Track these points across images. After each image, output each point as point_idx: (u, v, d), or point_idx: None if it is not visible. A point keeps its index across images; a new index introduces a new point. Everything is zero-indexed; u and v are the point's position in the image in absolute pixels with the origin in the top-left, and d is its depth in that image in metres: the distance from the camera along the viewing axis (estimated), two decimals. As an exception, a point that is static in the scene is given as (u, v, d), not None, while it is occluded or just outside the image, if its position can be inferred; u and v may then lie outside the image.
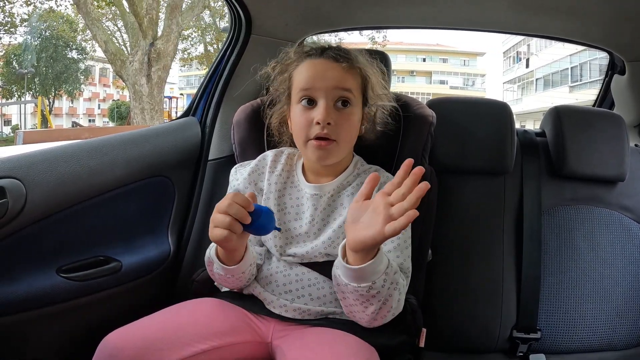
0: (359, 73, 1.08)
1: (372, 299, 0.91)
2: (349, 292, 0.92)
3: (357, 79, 1.08)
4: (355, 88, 1.07)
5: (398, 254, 1.03)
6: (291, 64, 1.11)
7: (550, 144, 1.51)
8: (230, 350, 1.01)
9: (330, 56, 1.06)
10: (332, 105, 1.04)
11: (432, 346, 1.25)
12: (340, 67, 1.05)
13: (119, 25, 14.01)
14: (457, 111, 1.48)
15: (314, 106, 1.05)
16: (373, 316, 0.95)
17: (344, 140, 1.06)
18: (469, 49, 33.84)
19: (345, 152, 1.10)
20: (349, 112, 1.06)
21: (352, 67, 1.07)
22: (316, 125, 1.03)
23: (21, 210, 1.05)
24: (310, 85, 1.05)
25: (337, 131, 1.04)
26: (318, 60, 1.07)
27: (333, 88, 1.04)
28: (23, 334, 1.11)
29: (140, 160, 1.30)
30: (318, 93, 1.04)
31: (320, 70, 1.06)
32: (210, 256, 1.04)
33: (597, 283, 1.44)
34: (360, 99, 1.09)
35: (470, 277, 1.44)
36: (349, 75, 1.06)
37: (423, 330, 1.13)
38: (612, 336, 1.43)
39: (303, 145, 1.07)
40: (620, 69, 1.79)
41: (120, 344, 0.93)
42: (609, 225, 1.48)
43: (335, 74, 1.05)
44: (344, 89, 1.05)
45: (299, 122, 1.07)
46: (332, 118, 1.03)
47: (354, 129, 1.08)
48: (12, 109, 22.06)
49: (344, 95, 1.05)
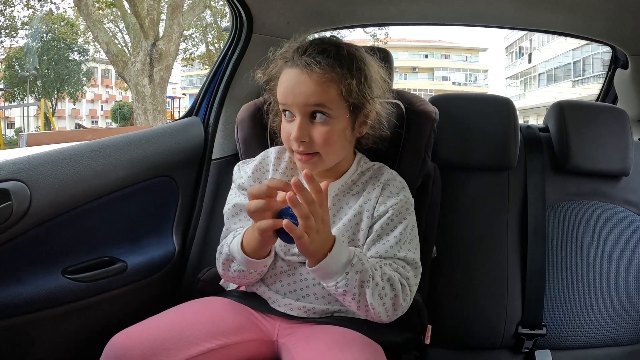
0: (338, 79, 0.98)
1: (345, 295, 0.94)
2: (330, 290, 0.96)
3: (330, 91, 0.98)
4: (331, 99, 0.98)
5: (400, 247, 1.02)
6: (275, 71, 1.06)
7: (554, 139, 1.51)
8: (237, 348, 1.01)
9: (304, 64, 0.98)
10: (307, 120, 0.99)
11: (438, 343, 1.25)
12: (309, 81, 0.97)
13: (120, 27, 14.03)
14: (460, 107, 1.48)
15: (293, 118, 1.01)
16: (358, 308, 0.96)
17: (327, 153, 1.01)
18: (471, 44, 33.75)
19: (334, 161, 1.06)
20: (326, 125, 0.99)
21: (327, 77, 0.97)
22: (293, 140, 1.01)
23: (26, 213, 1.05)
24: (284, 100, 1.01)
25: (315, 147, 1.00)
26: (292, 70, 1.00)
27: (304, 105, 0.98)
28: (29, 336, 1.11)
29: (143, 160, 1.30)
30: (292, 108, 1.00)
31: (291, 84, 0.99)
32: (231, 252, 1.02)
33: (602, 278, 1.44)
34: (342, 108, 1.00)
35: (475, 274, 1.44)
36: (321, 88, 0.97)
37: (429, 327, 1.14)
38: (618, 331, 1.43)
39: (292, 155, 1.06)
40: (623, 63, 1.78)
41: (127, 345, 0.93)
42: (613, 220, 1.48)
43: (305, 88, 0.97)
44: (316, 104, 0.98)
45: (283, 133, 1.04)
46: (306, 135, 0.99)
47: (336, 139, 1.01)
48: (15, 111, 22.13)
49: (318, 109, 0.99)
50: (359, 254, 0.94)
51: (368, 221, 1.05)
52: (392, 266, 1.00)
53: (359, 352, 0.93)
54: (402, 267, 1.00)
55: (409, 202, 1.08)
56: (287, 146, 1.06)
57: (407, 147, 1.20)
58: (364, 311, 0.96)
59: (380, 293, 0.94)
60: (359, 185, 1.09)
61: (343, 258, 0.91)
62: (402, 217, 1.05)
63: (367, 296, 0.93)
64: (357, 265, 0.92)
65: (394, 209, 1.04)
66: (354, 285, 0.92)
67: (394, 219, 1.04)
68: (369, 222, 1.05)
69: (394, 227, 1.03)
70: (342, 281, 0.91)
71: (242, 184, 1.14)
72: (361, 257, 0.94)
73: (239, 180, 1.15)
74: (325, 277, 0.92)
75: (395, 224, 1.04)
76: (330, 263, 0.89)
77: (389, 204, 1.05)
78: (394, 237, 1.02)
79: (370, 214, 1.05)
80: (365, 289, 0.93)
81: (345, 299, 0.95)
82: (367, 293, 0.93)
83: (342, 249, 0.91)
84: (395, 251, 1.01)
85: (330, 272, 0.91)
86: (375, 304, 0.94)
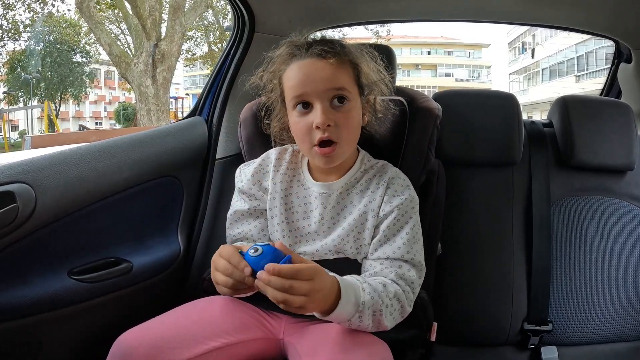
0: (350, 65, 1.03)
1: (358, 328, 0.93)
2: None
3: (348, 72, 1.02)
4: (348, 82, 1.01)
5: (408, 249, 1.02)
6: (278, 69, 1.05)
7: (558, 134, 1.51)
8: (242, 347, 1.01)
9: (316, 53, 1.00)
10: (328, 105, 0.99)
11: (443, 340, 1.24)
12: (328, 65, 0.99)
13: (122, 28, 14.05)
14: (463, 103, 1.48)
15: (310, 110, 1.00)
16: (374, 330, 0.96)
17: (347, 140, 1.02)
18: (473, 40, 33.68)
19: (350, 150, 1.07)
20: (347, 109, 1.01)
21: (342, 60, 1.01)
22: (316, 129, 0.99)
23: (31, 214, 1.06)
24: (302, 90, 0.99)
25: (339, 132, 1.00)
26: (304, 61, 1.01)
27: (325, 90, 0.99)
28: (36, 337, 1.12)
29: (147, 161, 1.30)
30: (311, 97, 0.99)
31: (309, 72, 1.00)
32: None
33: (607, 274, 1.43)
34: (356, 91, 1.04)
35: (480, 270, 1.44)
36: (340, 71, 1.00)
37: (434, 324, 1.13)
38: (624, 327, 1.43)
39: (308, 152, 1.05)
40: (627, 57, 1.78)
41: (133, 344, 0.93)
42: (618, 215, 1.47)
43: (325, 73, 0.99)
44: (337, 88, 0.99)
45: (298, 129, 1.02)
46: (331, 119, 0.98)
47: (356, 125, 1.04)
48: (19, 114, 22.21)
49: (338, 93, 0.99)
50: (362, 284, 0.92)
51: (373, 220, 1.05)
52: (398, 272, 0.99)
53: (365, 351, 0.93)
54: (408, 271, 1.00)
55: (414, 200, 1.07)
56: (304, 142, 1.03)
57: (410, 144, 1.20)
58: (374, 330, 0.96)
59: (390, 311, 0.94)
60: (363, 184, 1.09)
61: (351, 298, 0.89)
62: (408, 216, 1.05)
63: (382, 320, 0.93)
64: (368, 300, 0.91)
65: (399, 208, 1.04)
66: (367, 319, 0.91)
67: (400, 219, 1.04)
68: (374, 222, 1.05)
69: (400, 227, 1.03)
70: (356, 320, 0.91)
71: (242, 187, 1.14)
72: (364, 287, 0.92)
73: (239, 183, 1.15)
74: (337, 320, 0.91)
75: (402, 223, 1.04)
76: (342, 311, 0.88)
77: (395, 203, 1.04)
78: (400, 238, 1.02)
79: (375, 214, 1.05)
80: (378, 317, 0.92)
81: (359, 327, 0.94)
82: (382, 319, 0.93)
83: (347, 291, 0.89)
84: (403, 252, 1.01)
85: (342, 315, 0.89)
86: (386, 322, 0.94)
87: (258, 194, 1.13)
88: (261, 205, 1.12)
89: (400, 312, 0.97)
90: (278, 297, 0.80)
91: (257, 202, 1.12)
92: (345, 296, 0.88)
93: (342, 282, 0.88)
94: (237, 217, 1.13)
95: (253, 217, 1.12)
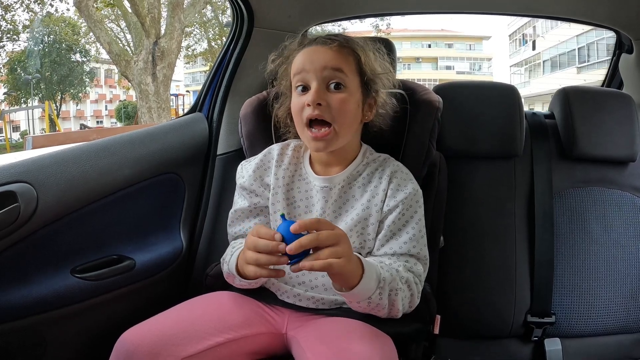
0: (352, 53, 1.05)
1: (376, 308, 0.94)
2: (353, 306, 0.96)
3: (349, 59, 1.04)
4: (347, 68, 1.03)
5: (414, 243, 1.03)
6: (289, 56, 1.10)
7: (560, 126, 1.50)
8: (246, 342, 1.02)
9: (321, 41, 1.05)
10: (323, 87, 1.02)
11: (447, 333, 1.25)
12: (329, 49, 1.03)
13: (122, 26, 14.03)
14: (464, 96, 1.48)
15: (306, 92, 1.03)
16: (386, 314, 0.97)
17: (341, 125, 1.03)
18: (474, 33, 33.48)
19: (347, 138, 1.07)
20: (342, 95, 1.02)
21: (343, 46, 1.05)
22: (307, 107, 1.02)
23: (33, 214, 1.06)
24: (301, 68, 1.04)
25: (331, 114, 1.01)
26: (308, 47, 1.06)
27: (322, 68, 1.02)
28: (40, 336, 1.12)
29: (149, 158, 1.30)
30: (309, 76, 1.03)
31: (310, 54, 1.04)
32: (230, 271, 1.03)
33: (610, 265, 1.43)
34: (356, 82, 1.05)
35: (483, 263, 1.44)
36: (339, 55, 1.03)
37: (437, 317, 1.13)
38: (627, 319, 1.43)
39: (302, 134, 1.07)
40: (628, 47, 1.76)
41: (137, 341, 0.94)
42: (621, 207, 1.47)
43: (324, 55, 1.03)
44: (334, 68, 1.02)
45: (293, 107, 1.06)
46: (322, 99, 1.01)
47: (350, 112, 1.04)
48: (20, 115, 22.19)
49: (335, 77, 1.02)
50: (380, 264, 0.95)
51: (377, 215, 1.05)
52: (406, 265, 1.00)
53: (369, 344, 0.93)
54: (414, 265, 1.02)
55: (418, 194, 1.08)
56: (297, 120, 1.06)
57: (411, 137, 1.20)
58: (386, 314, 0.96)
59: (402, 296, 0.95)
60: (365, 177, 1.09)
61: (373, 274, 0.90)
62: (413, 210, 1.05)
63: (397, 302, 0.94)
64: (387, 277, 0.92)
65: (404, 203, 1.04)
66: (385, 297, 0.92)
67: (405, 214, 1.04)
68: (378, 217, 1.05)
69: (405, 222, 1.04)
70: (376, 297, 0.91)
71: (243, 183, 1.14)
72: (382, 266, 0.95)
73: (240, 180, 1.16)
74: (359, 297, 0.91)
75: (407, 218, 1.04)
76: (365, 286, 0.89)
77: (399, 197, 1.05)
78: (406, 233, 1.03)
79: (379, 208, 1.05)
80: (394, 297, 0.93)
81: (373, 310, 0.95)
82: (397, 300, 0.94)
83: (369, 266, 0.90)
84: (409, 247, 1.02)
85: (365, 291, 0.90)
86: (399, 305, 0.95)
87: (259, 190, 1.13)
88: (262, 202, 1.13)
89: (409, 301, 0.98)
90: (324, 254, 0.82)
91: (257, 199, 1.13)
92: (368, 271, 0.89)
93: (362, 258, 0.90)
94: (238, 215, 1.14)
95: (253, 214, 1.13)
